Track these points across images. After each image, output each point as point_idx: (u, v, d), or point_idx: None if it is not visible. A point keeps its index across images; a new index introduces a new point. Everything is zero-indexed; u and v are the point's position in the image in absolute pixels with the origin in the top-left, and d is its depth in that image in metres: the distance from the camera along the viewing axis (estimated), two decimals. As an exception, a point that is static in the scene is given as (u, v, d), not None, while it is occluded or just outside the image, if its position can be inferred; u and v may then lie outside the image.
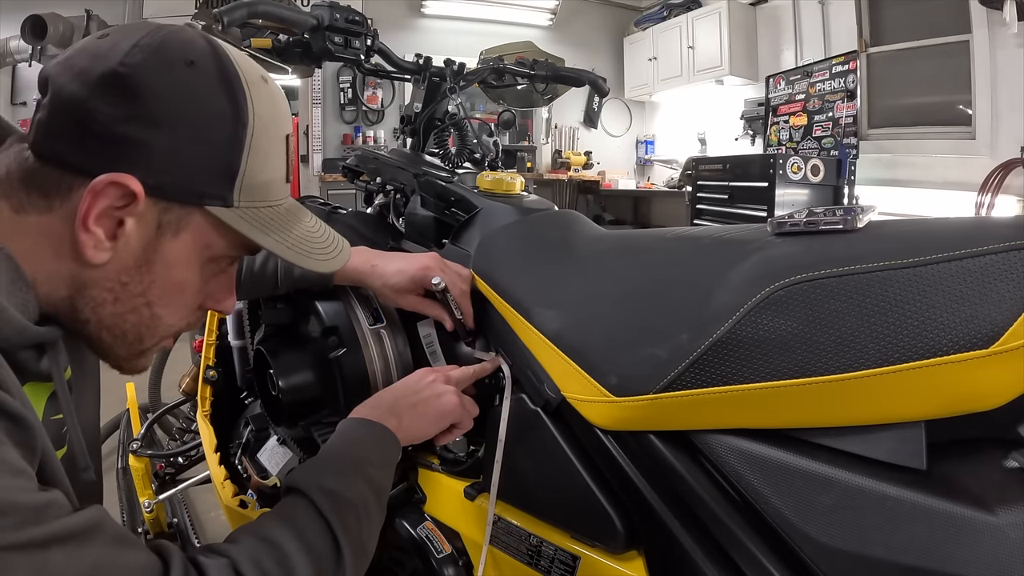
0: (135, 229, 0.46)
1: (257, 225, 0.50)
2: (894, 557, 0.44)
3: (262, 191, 0.50)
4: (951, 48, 3.24)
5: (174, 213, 0.47)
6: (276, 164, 0.52)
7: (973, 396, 0.44)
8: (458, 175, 0.99)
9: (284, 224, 0.53)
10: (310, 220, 0.57)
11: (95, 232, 0.44)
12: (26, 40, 3.89)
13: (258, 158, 0.49)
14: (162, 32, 0.46)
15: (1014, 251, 0.42)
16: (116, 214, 0.45)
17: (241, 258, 0.55)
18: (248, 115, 0.48)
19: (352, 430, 0.63)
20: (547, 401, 0.66)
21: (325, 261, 0.56)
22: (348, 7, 0.99)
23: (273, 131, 0.50)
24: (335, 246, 0.58)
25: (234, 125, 0.47)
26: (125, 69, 0.43)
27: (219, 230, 0.49)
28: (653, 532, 0.58)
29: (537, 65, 1.26)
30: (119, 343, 0.51)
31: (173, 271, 0.49)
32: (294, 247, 0.53)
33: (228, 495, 1.07)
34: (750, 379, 0.49)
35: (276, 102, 0.51)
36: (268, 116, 0.49)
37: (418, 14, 5.08)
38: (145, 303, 0.49)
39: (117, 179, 0.43)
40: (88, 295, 0.47)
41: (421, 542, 0.77)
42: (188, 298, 0.52)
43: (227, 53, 0.48)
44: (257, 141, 0.48)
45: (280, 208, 0.53)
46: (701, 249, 0.61)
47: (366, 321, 0.82)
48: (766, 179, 3.28)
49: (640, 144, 5.80)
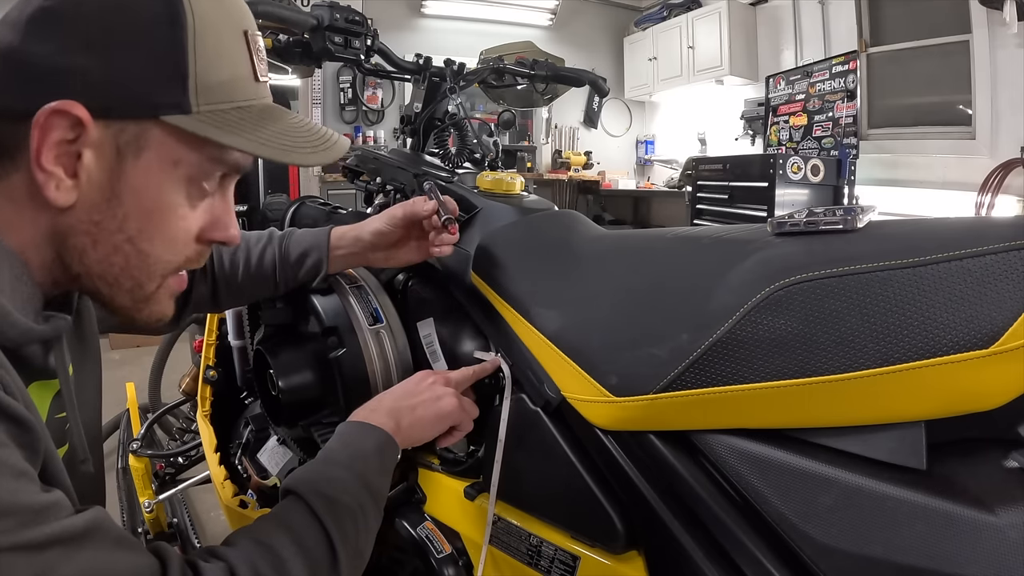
0: (94, 160, 0.44)
1: (224, 127, 0.47)
2: (894, 557, 0.44)
3: (225, 91, 0.47)
4: (951, 48, 3.24)
5: (130, 132, 0.44)
6: (235, 61, 0.48)
7: (973, 396, 0.44)
8: (458, 175, 0.99)
9: (257, 122, 0.49)
10: (293, 118, 0.53)
11: (53, 171, 0.43)
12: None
13: (208, 56, 0.46)
14: None
15: (1014, 251, 0.42)
16: (70, 148, 0.43)
17: (228, 177, 0.52)
18: (184, 13, 0.44)
19: (351, 434, 0.63)
20: (547, 401, 0.66)
21: (314, 153, 0.51)
22: (348, 7, 0.99)
23: (223, 27, 0.47)
24: (326, 138, 0.54)
25: (170, 27, 0.44)
26: (50, 3, 0.42)
27: (185, 141, 0.46)
28: (653, 532, 0.58)
29: (537, 65, 1.26)
30: (117, 292, 0.49)
31: (145, 198, 0.46)
32: (270, 143, 0.49)
33: (228, 495, 1.07)
34: (750, 379, 0.49)
35: (225, 1, 0.48)
36: (212, 12, 0.46)
37: (418, 14, 5.07)
38: (126, 239, 0.47)
39: (58, 107, 0.41)
40: (70, 246, 0.46)
41: (421, 542, 0.77)
42: (173, 226, 0.49)
43: None
44: (204, 39, 0.45)
45: (252, 108, 0.49)
46: (701, 249, 0.61)
47: (366, 321, 0.82)
48: (766, 179, 3.28)
49: (640, 144, 5.80)
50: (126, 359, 2.72)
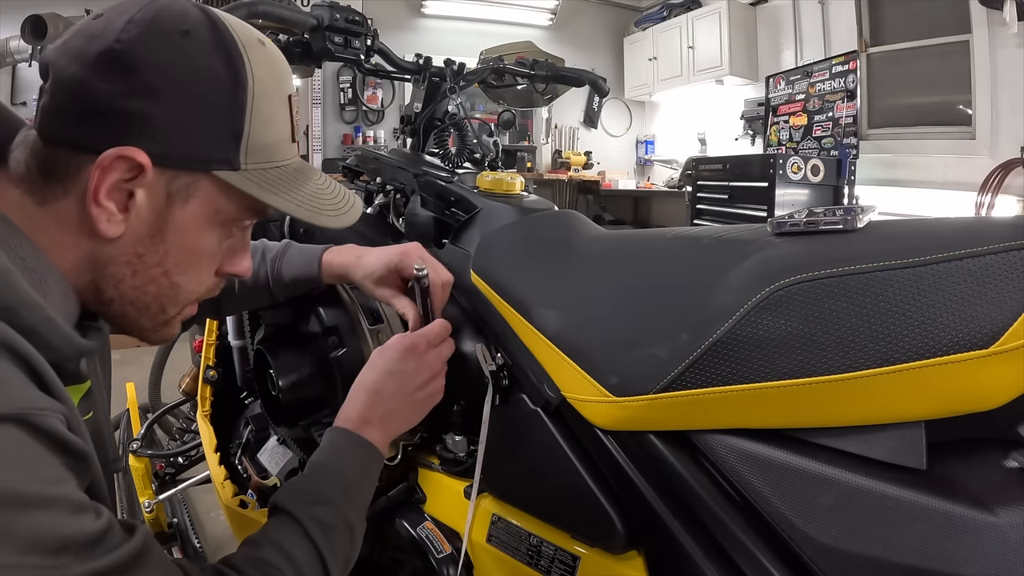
0: (145, 200, 0.47)
1: (265, 186, 0.51)
2: (894, 557, 0.44)
3: (268, 152, 0.51)
4: (951, 48, 3.24)
5: (182, 181, 0.48)
6: (280, 124, 0.52)
7: (973, 396, 0.44)
8: (458, 175, 0.99)
9: (292, 183, 0.53)
10: (319, 178, 0.58)
11: (107, 206, 0.45)
12: (26, 40, 3.89)
13: (261, 120, 0.49)
14: (155, 5, 0.46)
15: (1014, 251, 0.42)
16: (125, 187, 0.46)
17: (253, 222, 0.57)
18: (247, 79, 0.48)
19: (343, 448, 0.63)
20: (547, 401, 0.66)
21: (336, 216, 0.56)
22: (348, 7, 0.99)
23: (274, 92, 0.51)
24: (346, 202, 0.59)
25: (233, 90, 0.47)
26: (121, 45, 0.44)
27: (228, 194, 0.50)
28: (653, 532, 0.58)
29: (537, 65, 1.26)
30: (143, 315, 0.52)
31: (186, 238, 0.50)
32: (304, 204, 0.53)
33: (228, 495, 1.07)
34: (750, 379, 0.49)
35: (275, 64, 0.51)
36: (268, 78, 0.50)
37: (418, 14, 5.08)
38: (163, 272, 0.50)
39: (123, 152, 0.44)
40: (108, 273, 0.49)
41: (421, 542, 0.77)
42: (204, 264, 0.53)
43: (222, 20, 0.48)
44: (259, 103, 0.49)
45: (288, 168, 0.54)
46: (701, 249, 0.61)
47: (366, 321, 0.82)
48: (766, 179, 3.28)
49: (640, 144, 5.79)
50: (126, 359, 2.72)
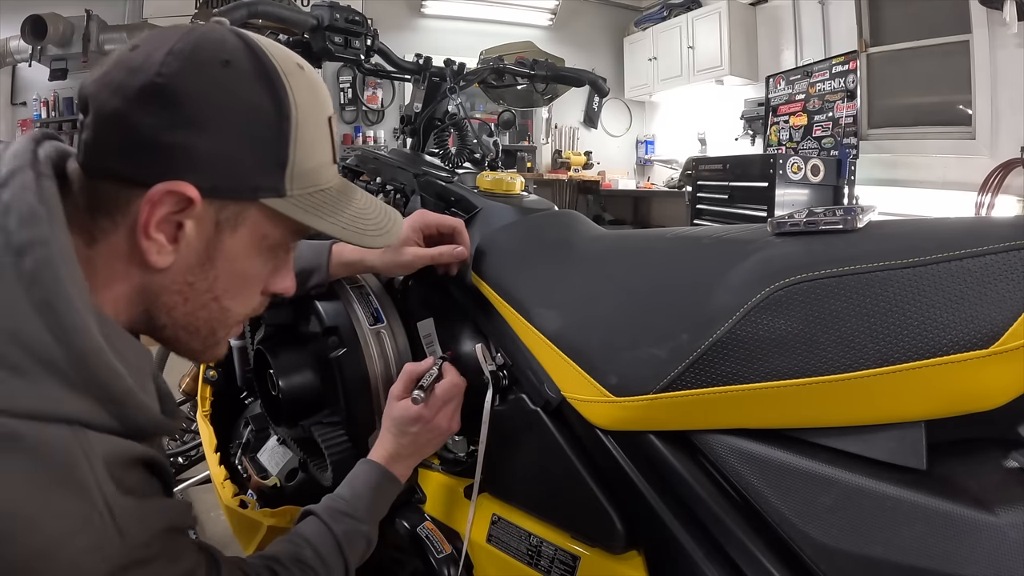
0: (195, 230, 0.47)
1: (311, 210, 0.51)
2: (894, 557, 0.44)
3: (313, 176, 0.51)
4: (951, 48, 3.23)
5: (230, 210, 0.48)
6: (323, 148, 0.52)
7: (973, 396, 0.44)
8: (458, 175, 0.99)
9: (337, 205, 0.54)
10: (360, 197, 0.58)
11: (156, 238, 0.46)
12: (26, 40, 3.89)
13: (305, 146, 0.50)
14: (193, 35, 0.46)
15: (1014, 251, 0.42)
16: (175, 218, 0.46)
17: (298, 242, 0.58)
18: (290, 106, 0.48)
19: (381, 483, 0.70)
20: (547, 401, 0.66)
21: (379, 236, 0.57)
22: (348, 7, 0.99)
23: (316, 117, 0.51)
24: (388, 219, 0.60)
25: (278, 118, 0.48)
26: (163, 79, 0.44)
27: (275, 219, 0.50)
28: (653, 532, 0.58)
29: (537, 65, 1.26)
30: (194, 338, 0.53)
31: (235, 264, 0.50)
32: (349, 227, 0.54)
33: (228, 495, 1.07)
34: (750, 379, 0.49)
35: (315, 88, 0.51)
36: (309, 103, 0.50)
37: (418, 14, 5.07)
38: (213, 298, 0.51)
39: (173, 187, 0.44)
40: (161, 303, 0.49)
41: (421, 542, 0.77)
42: (252, 286, 0.54)
43: (261, 47, 0.48)
44: (302, 130, 0.49)
45: (331, 190, 0.54)
46: (701, 249, 0.61)
47: (366, 321, 0.82)
48: (766, 179, 3.28)
49: (640, 144, 5.79)
50: (126, 359, 2.73)
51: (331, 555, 0.62)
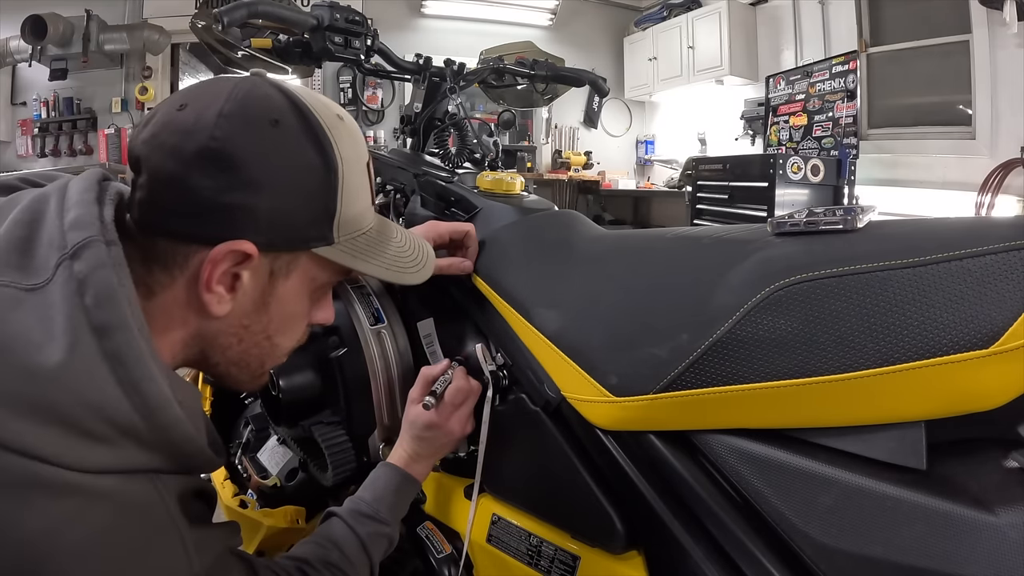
0: (251, 280, 0.50)
1: (357, 254, 0.55)
2: (894, 557, 0.44)
3: (356, 222, 0.55)
4: (951, 48, 3.23)
5: (283, 260, 0.52)
6: (364, 194, 0.56)
7: (973, 396, 0.44)
8: (458, 175, 0.99)
9: (378, 247, 0.58)
10: (396, 235, 0.62)
11: (217, 291, 0.49)
12: (26, 40, 3.90)
13: (350, 194, 0.53)
14: (239, 95, 0.48)
15: (1014, 251, 0.42)
16: (233, 271, 0.49)
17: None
18: (336, 160, 0.51)
19: (401, 485, 0.71)
20: (547, 401, 0.66)
21: (417, 273, 0.63)
22: (348, 7, 0.99)
23: (358, 166, 0.54)
24: (422, 254, 0.65)
25: (326, 173, 0.50)
26: (217, 143, 0.46)
27: (322, 264, 0.54)
28: (653, 532, 0.58)
29: (537, 65, 1.26)
30: (244, 372, 0.56)
31: (287, 306, 0.54)
32: (391, 267, 0.58)
33: (228, 495, 1.07)
34: (750, 379, 0.49)
35: (355, 137, 0.54)
36: (352, 154, 0.53)
37: (418, 14, 5.08)
38: (266, 337, 0.55)
39: (234, 246, 0.47)
40: (217, 344, 0.53)
41: (421, 542, 0.77)
42: (300, 323, 0.58)
43: (304, 102, 0.50)
44: (348, 180, 0.52)
45: (372, 231, 0.58)
46: (701, 249, 0.61)
47: (367, 321, 0.82)
48: (766, 179, 3.28)
49: (640, 144, 5.79)
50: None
51: (357, 556, 0.64)
